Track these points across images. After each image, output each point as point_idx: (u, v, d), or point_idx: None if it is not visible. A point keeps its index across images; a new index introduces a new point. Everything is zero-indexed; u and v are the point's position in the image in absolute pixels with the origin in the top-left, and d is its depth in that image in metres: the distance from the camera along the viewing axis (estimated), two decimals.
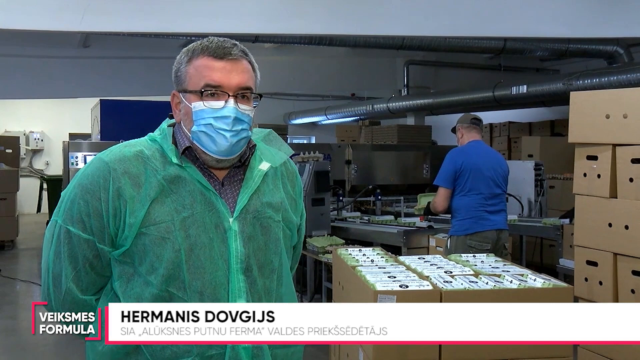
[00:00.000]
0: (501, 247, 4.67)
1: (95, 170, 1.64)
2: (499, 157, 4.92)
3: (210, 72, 1.63)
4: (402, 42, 9.51)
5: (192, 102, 1.64)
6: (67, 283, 1.65)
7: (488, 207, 4.62)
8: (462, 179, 4.61)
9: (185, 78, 1.66)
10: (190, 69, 1.65)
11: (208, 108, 1.62)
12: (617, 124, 3.03)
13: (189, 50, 1.68)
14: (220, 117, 1.62)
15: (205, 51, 1.64)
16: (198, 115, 1.63)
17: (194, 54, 1.66)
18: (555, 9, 6.28)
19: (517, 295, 2.47)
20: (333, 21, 6.13)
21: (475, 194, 4.59)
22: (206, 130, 1.62)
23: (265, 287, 1.68)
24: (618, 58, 9.52)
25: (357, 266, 2.85)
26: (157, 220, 1.60)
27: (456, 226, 4.64)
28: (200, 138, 1.64)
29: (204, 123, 1.63)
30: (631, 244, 2.99)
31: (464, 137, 4.81)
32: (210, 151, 1.64)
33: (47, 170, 15.66)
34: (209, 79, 1.62)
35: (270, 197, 1.73)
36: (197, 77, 1.64)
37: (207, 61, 1.64)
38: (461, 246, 4.53)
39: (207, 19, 5.77)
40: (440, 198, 4.64)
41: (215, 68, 1.63)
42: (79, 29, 5.64)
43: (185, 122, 1.67)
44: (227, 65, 1.63)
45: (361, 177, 8.53)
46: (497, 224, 4.63)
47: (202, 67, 1.64)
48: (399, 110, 12.42)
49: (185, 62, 1.67)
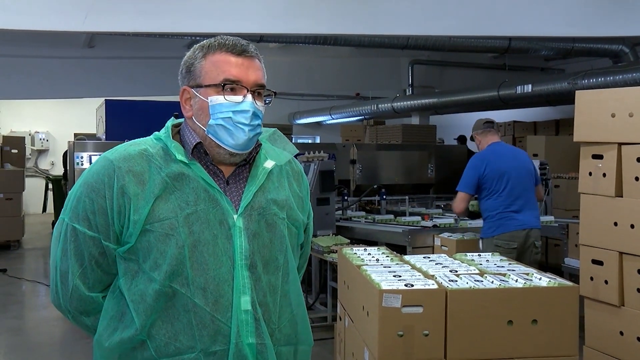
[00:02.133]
0: (531, 246, 4.72)
1: (100, 169, 1.66)
2: (522, 155, 4.98)
3: (229, 67, 1.65)
4: (407, 41, 9.51)
5: (209, 96, 1.65)
6: (73, 280, 1.66)
7: (514, 207, 4.70)
8: (487, 184, 4.72)
9: (200, 73, 1.67)
10: (207, 64, 1.66)
11: (227, 102, 1.64)
12: (622, 123, 3.02)
13: (204, 46, 1.69)
14: (240, 110, 1.64)
15: (222, 47, 1.66)
16: (216, 109, 1.64)
17: (210, 49, 1.67)
18: (560, 8, 6.26)
19: (522, 294, 2.47)
20: (338, 21, 6.13)
21: (500, 196, 4.69)
22: (225, 124, 1.64)
23: (270, 283, 1.69)
24: (623, 57, 9.50)
25: (363, 265, 2.85)
26: (161, 217, 1.61)
27: (485, 228, 4.81)
28: (217, 132, 1.65)
29: (222, 117, 1.64)
30: (637, 242, 2.98)
31: (482, 143, 4.93)
32: (228, 145, 1.65)
33: (52, 170, 15.69)
34: (228, 74, 1.64)
35: (275, 195, 1.73)
36: (215, 71, 1.65)
37: (225, 56, 1.66)
38: (490, 247, 4.60)
39: (212, 19, 5.78)
40: (458, 201, 4.80)
41: (234, 63, 1.65)
42: (82, 29, 5.65)
43: (200, 116, 1.68)
44: (245, 61, 1.66)
45: (366, 177, 8.52)
46: (525, 224, 4.69)
47: (221, 62, 1.65)
48: (403, 109, 12.40)
49: (200, 57, 1.68)
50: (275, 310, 1.69)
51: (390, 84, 14.20)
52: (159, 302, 1.60)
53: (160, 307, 1.61)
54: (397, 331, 2.41)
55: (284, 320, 1.71)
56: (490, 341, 2.45)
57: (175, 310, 1.61)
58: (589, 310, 3.28)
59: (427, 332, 2.42)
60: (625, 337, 3.05)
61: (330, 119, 14.80)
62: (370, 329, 2.54)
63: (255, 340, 1.63)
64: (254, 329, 1.63)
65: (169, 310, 1.61)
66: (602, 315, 3.18)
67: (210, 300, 1.61)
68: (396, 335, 2.41)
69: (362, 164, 8.53)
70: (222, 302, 1.61)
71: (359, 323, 2.80)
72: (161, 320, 1.61)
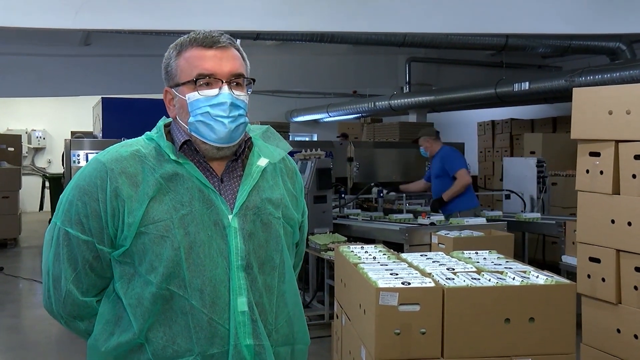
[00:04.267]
0: None
1: (92, 171, 1.63)
2: None
3: (202, 61, 1.63)
4: (404, 39, 9.49)
5: (187, 94, 1.63)
6: (67, 285, 1.64)
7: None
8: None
9: (176, 72, 1.66)
10: (181, 62, 1.65)
11: (203, 97, 1.62)
12: (620, 121, 3.02)
13: (177, 44, 1.68)
14: (216, 104, 1.62)
15: (193, 42, 1.65)
16: (194, 106, 1.63)
17: (183, 47, 1.66)
18: (557, 5, 6.26)
19: (519, 292, 2.47)
20: (335, 18, 6.12)
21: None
22: (203, 119, 1.62)
23: (266, 284, 1.67)
24: (621, 54, 9.50)
25: (359, 263, 2.84)
26: (155, 219, 1.59)
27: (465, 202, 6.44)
28: (198, 128, 1.63)
29: (200, 112, 1.62)
30: (634, 240, 2.98)
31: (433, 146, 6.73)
32: (210, 140, 1.63)
33: (49, 168, 15.68)
34: (201, 68, 1.62)
35: (270, 193, 1.71)
36: (189, 68, 1.64)
37: (197, 51, 1.64)
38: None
39: (207, 16, 5.75)
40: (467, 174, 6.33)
41: (206, 57, 1.63)
42: (72, 26, 5.58)
43: (182, 115, 1.66)
44: (217, 53, 1.64)
45: (363, 175, 8.52)
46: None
47: (193, 58, 1.64)
48: (400, 107, 12.40)
49: (175, 56, 1.67)
50: (272, 310, 1.67)
51: (387, 82, 14.19)
52: (157, 305, 1.58)
53: (158, 310, 1.59)
54: (394, 329, 2.40)
55: (281, 320, 1.70)
56: (487, 339, 2.44)
57: (173, 313, 1.59)
58: (586, 308, 3.27)
59: (424, 330, 2.41)
60: (623, 334, 3.05)
61: (327, 116, 14.80)
62: (367, 327, 2.53)
63: (253, 341, 1.61)
64: (251, 330, 1.61)
65: (166, 313, 1.59)
66: (600, 313, 3.18)
67: (208, 302, 1.59)
68: (393, 333, 2.40)
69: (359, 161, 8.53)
70: (219, 304, 1.60)
71: (356, 321, 2.79)
72: (159, 323, 1.59)
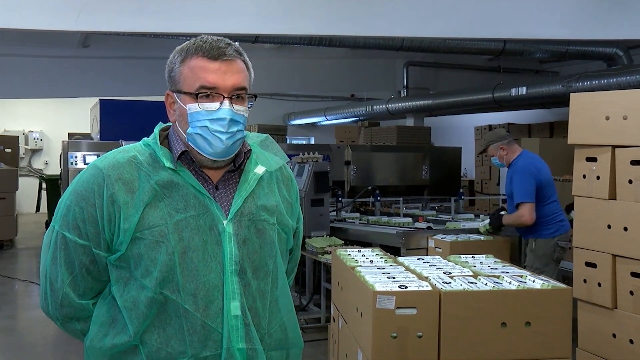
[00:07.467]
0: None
1: (89, 177, 1.65)
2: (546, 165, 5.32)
3: (205, 73, 1.61)
4: (402, 43, 9.52)
5: (187, 104, 1.62)
6: (63, 288, 1.66)
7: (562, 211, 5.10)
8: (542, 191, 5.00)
9: (179, 79, 1.64)
10: (185, 70, 1.63)
11: (203, 110, 1.61)
12: (616, 126, 3.03)
13: (183, 49, 1.66)
14: (216, 119, 1.61)
15: (199, 51, 1.62)
16: (193, 117, 1.62)
17: (188, 53, 1.64)
18: (554, 10, 6.28)
19: (516, 296, 2.47)
20: (333, 22, 6.13)
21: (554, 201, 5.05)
22: (202, 133, 1.62)
23: (259, 289, 1.68)
24: (617, 60, 9.54)
25: (356, 267, 2.85)
26: (151, 225, 1.60)
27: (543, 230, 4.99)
28: (195, 140, 1.63)
29: (199, 125, 1.62)
30: (630, 245, 2.99)
31: (509, 154, 5.14)
32: (206, 153, 1.64)
33: (46, 169, 15.65)
34: (204, 81, 1.60)
35: (265, 200, 1.72)
36: (192, 78, 1.62)
37: (201, 62, 1.61)
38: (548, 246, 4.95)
39: (207, 19, 5.76)
40: (530, 212, 4.89)
41: (210, 69, 1.61)
42: (75, 28, 5.61)
43: (181, 123, 1.66)
44: (222, 66, 1.61)
45: (360, 178, 8.52)
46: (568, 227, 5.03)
47: (197, 69, 1.61)
48: (398, 111, 12.41)
49: (179, 62, 1.65)
50: (265, 315, 1.69)
51: (385, 86, 14.21)
52: (152, 309, 1.60)
53: (153, 313, 1.61)
54: (391, 333, 2.41)
55: (274, 325, 1.72)
56: (483, 343, 2.45)
57: (167, 316, 1.61)
58: (582, 312, 3.28)
59: (420, 334, 2.42)
60: (618, 339, 3.06)
61: (324, 120, 14.79)
62: (364, 331, 2.53)
63: (245, 345, 1.63)
64: (244, 334, 1.63)
65: (161, 316, 1.61)
66: (595, 318, 3.19)
67: (201, 306, 1.60)
68: (390, 336, 2.41)
69: (356, 165, 8.54)
70: (212, 308, 1.61)
71: (352, 324, 2.80)
72: (153, 325, 1.61)
